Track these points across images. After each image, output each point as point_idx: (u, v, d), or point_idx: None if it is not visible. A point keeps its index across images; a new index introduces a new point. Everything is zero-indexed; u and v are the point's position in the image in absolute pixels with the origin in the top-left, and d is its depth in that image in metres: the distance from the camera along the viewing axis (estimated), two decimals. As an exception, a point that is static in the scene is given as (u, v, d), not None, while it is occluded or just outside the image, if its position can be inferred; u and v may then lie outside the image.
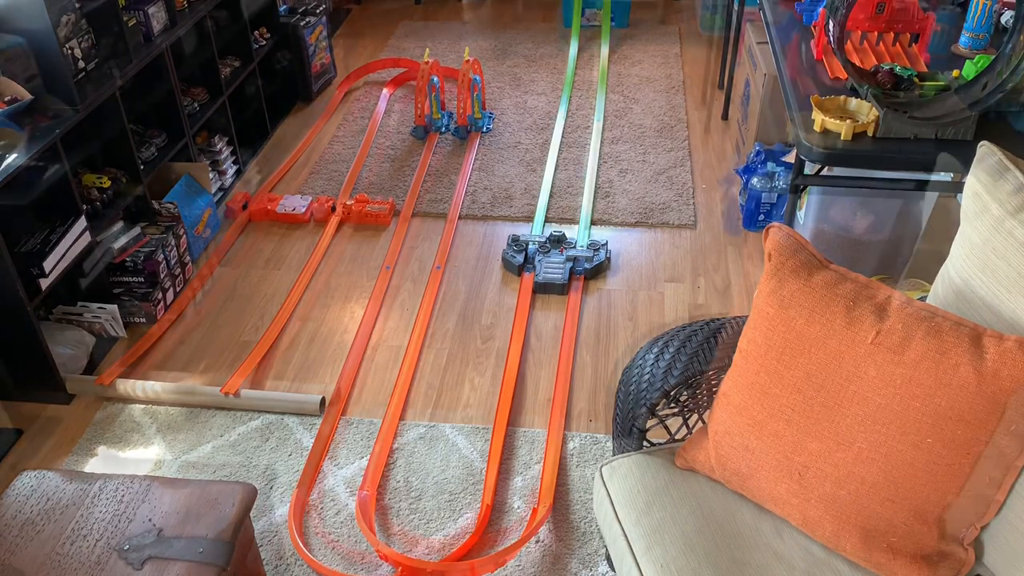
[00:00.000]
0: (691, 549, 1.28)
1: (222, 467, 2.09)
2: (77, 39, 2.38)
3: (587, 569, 1.83)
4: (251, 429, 2.19)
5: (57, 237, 2.21)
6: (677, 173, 3.20)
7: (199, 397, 2.26)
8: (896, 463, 1.16)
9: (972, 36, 2.08)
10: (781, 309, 1.23)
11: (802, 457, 1.23)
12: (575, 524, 1.92)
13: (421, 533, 1.92)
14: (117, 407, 2.26)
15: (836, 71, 1.99)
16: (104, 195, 2.48)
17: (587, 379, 2.32)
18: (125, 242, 2.54)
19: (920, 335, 1.13)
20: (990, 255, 1.23)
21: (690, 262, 2.75)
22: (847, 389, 1.18)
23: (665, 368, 1.44)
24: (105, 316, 2.44)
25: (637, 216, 2.95)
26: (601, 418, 2.19)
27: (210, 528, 1.37)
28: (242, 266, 2.80)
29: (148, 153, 2.69)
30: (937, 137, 1.71)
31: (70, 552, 1.34)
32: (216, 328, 2.54)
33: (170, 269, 2.60)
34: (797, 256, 1.24)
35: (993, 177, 1.23)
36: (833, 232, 2.54)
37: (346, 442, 2.14)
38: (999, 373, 1.09)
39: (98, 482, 1.46)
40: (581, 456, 2.09)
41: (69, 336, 2.35)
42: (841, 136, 1.73)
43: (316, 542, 1.90)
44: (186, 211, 2.72)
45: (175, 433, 2.18)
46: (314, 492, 2.02)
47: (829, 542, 1.28)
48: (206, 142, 3.11)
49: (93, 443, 2.16)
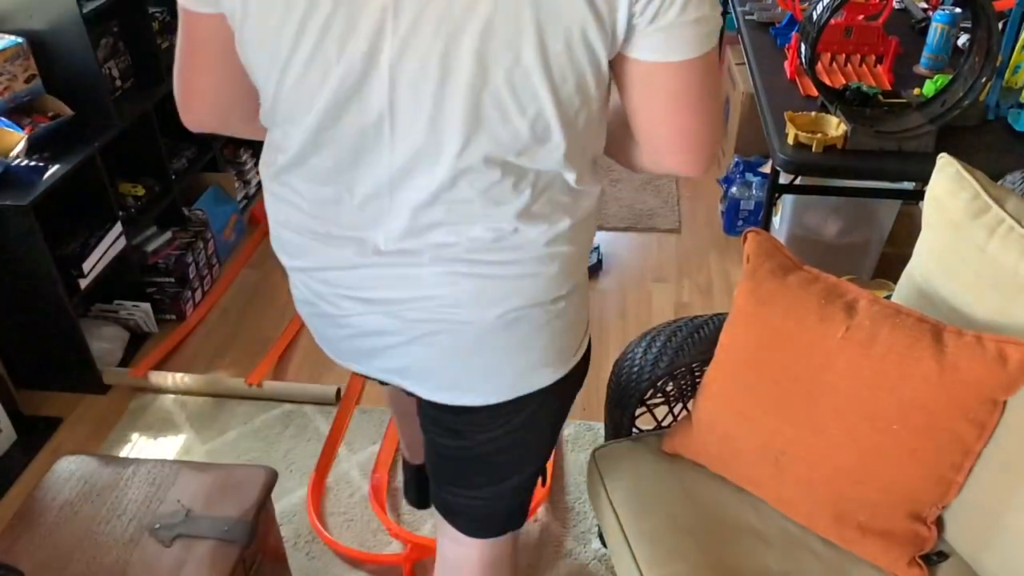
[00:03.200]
0: (676, 527, 1.27)
1: (246, 452, 2.08)
2: (115, 60, 2.38)
3: (581, 546, 1.82)
4: (272, 417, 2.18)
5: (95, 241, 2.20)
6: (663, 182, 3.19)
7: (225, 388, 2.25)
8: (865, 448, 1.16)
9: (932, 58, 2.08)
10: (759, 307, 1.23)
11: (779, 443, 1.23)
12: (570, 505, 1.91)
13: (429, 512, 1.91)
14: (149, 397, 2.25)
15: (808, 89, 1.98)
16: (138, 202, 2.47)
17: (580, 371, 2.31)
18: (157, 245, 2.54)
19: (886, 331, 1.13)
20: (950, 257, 1.22)
21: (675, 264, 2.74)
22: (820, 380, 1.17)
23: (653, 361, 1.43)
24: (139, 313, 2.43)
25: (627, 222, 2.94)
26: (594, 407, 2.18)
27: (234, 508, 1.36)
28: (265, 268, 2.79)
29: (179, 164, 2.68)
30: (900, 149, 1.70)
31: (106, 531, 1.33)
32: (241, 324, 2.53)
33: (199, 270, 2.59)
34: (773, 258, 1.24)
35: (952, 186, 1.22)
36: (806, 236, 2.53)
37: (360, 429, 2.14)
38: (958, 365, 1.08)
39: (132, 466, 1.45)
40: (576, 442, 2.08)
41: (106, 332, 2.35)
42: (813, 149, 1.72)
43: (332, 521, 1.90)
44: (214, 217, 2.72)
45: (203, 421, 2.17)
46: (330, 475, 2.01)
47: (803, 520, 1.27)
48: (232, 154, 3.10)
49: (127, 430, 2.15)
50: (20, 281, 2.06)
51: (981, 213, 1.17)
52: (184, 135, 2.76)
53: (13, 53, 2.08)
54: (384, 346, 1.01)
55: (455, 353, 0.98)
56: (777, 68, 2.12)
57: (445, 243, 0.90)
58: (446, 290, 0.93)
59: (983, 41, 1.61)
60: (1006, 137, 1.79)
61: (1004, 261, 1.13)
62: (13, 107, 2.11)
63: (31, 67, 2.14)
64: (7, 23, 2.13)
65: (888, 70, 2.06)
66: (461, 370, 1.00)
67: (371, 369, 1.07)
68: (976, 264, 1.17)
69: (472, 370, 1.00)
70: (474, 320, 0.94)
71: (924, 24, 2.26)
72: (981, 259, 1.16)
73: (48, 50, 2.16)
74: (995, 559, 1.17)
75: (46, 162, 2.07)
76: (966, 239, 1.18)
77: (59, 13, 2.11)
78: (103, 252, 2.23)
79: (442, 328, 0.96)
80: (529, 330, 0.97)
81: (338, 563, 1.80)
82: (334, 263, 0.96)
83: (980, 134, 1.79)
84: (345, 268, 0.96)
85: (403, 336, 0.98)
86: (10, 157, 2.02)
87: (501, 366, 1.00)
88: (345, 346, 1.06)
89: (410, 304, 0.95)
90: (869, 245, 2.51)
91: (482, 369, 1.00)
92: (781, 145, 1.76)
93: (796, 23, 2.21)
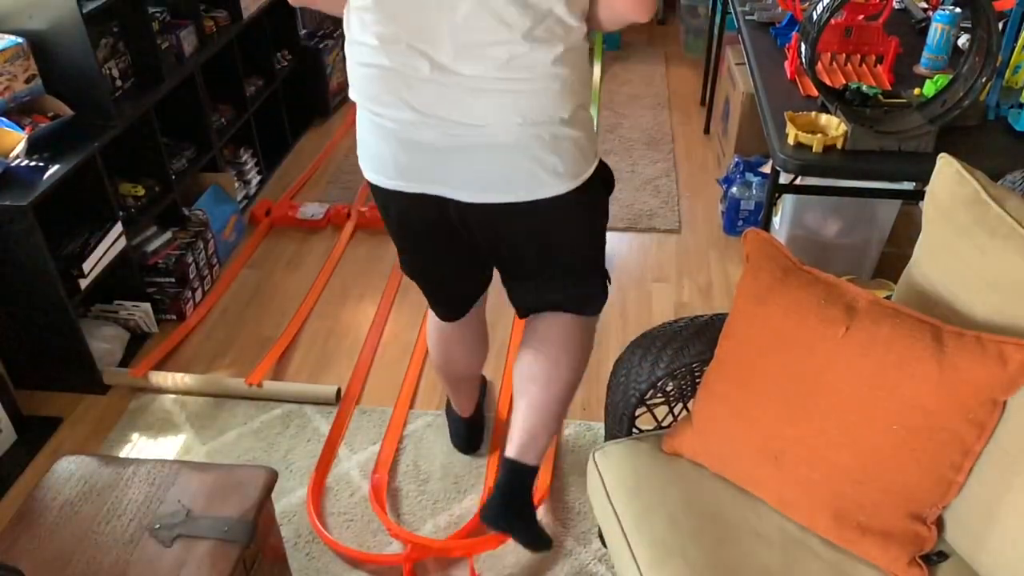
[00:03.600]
0: (676, 527, 1.27)
1: (246, 452, 2.08)
2: (115, 60, 2.38)
3: (581, 546, 1.82)
4: (273, 417, 2.18)
5: (95, 241, 2.20)
6: (663, 182, 3.20)
7: (225, 388, 2.25)
8: (865, 448, 1.16)
9: (932, 58, 2.07)
10: (759, 307, 1.23)
11: (779, 443, 1.23)
12: (571, 505, 1.91)
13: (429, 513, 1.91)
14: (149, 397, 2.25)
15: (808, 89, 1.98)
16: (139, 202, 2.48)
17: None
18: (157, 246, 2.53)
19: (886, 331, 1.13)
20: (950, 257, 1.22)
21: (675, 264, 2.74)
22: (820, 380, 1.17)
23: (652, 361, 1.43)
24: (139, 313, 2.43)
25: (627, 222, 2.94)
26: (594, 407, 2.18)
27: (235, 509, 1.36)
28: (265, 268, 2.80)
29: (179, 164, 2.68)
30: (900, 149, 1.70)
31: (106, 531, 1.33)
32: (241, 325, 2.53)
33: (199, 271, 2.59)
34: (773, 258, 1.24)
35: (952, 186, 1.22)
36: (806, 236, 2.53)
37: (360, 429, 2.14)
38: (958, 366, 1.08)
39: (132, 466, 1.45)
40: (576, 442, 2.08)
41: (106, 332, 2.35)
42: (813, 149, 1.72)
43: (332, 521, 1.90)
44: (214, 217, 2.72)
45: (203, 421, 2.17)
46: (330, 475, 2.01)
47: (804, 521, 1.27)
48: (232, 154, 3.10)
49: (127, 430, 2.15)
50: (20, 281, 2.06)
51: (981, 213, 1.17)
52: (184, 135, 2.77)
53: (13, 53, 2.08)
54: (433, 162, 1.30)
55: (489, 161, 1.28)
56: (777, 68, 2.12)
57: (475, 66, 1.21)
58: (469, 101, 1.24)
59: (983, 41, 1.61)
60: (1006, 137, 1.79)
61: (1004, 261, 1.13)
62: (13, 107, 2.12)
63: (31, 67, 2.14)
64: (7, 23, 2.13)
65: (888, 70, 2.06)
66: (497, 174, 1.30)
67: (421, 182, 1.34)
68: (976, 264, 1.17)
69: (503, 174, 1.30)
70: (500, 132, 1.25)
71: (924, 24, 2.26)
72: (981, 259, 1.16)
73: (48, 50, 2.16)
74: (995, 559, 1.17)
75: (46, 162, 2.07)
76: (966, 239, 1.18)
77: (59, 13, 2.11)
78: (103, 252, 2.23)
79: (477, 141, 1.26)
80: (545, 141, 1.27)
81: (338, 563, 1.80)
82: (400, 89, 1.26)
83: (980, 134, 1.79)
84: (410, 87, 1.25)
85: (447, 150, 1.28)
86: (10, 157, 2.02)
87: (518, 172, 1.29)
88: (403, 160, 1.32)
89: (455, 120, 1.25)
90: (869, 245, 2.51)
91: (504, 174, 1.30)
92: (781, 145, 1.76)
93: (796, 23, 2.21)
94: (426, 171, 1.32)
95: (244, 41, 3.12)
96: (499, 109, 1.24)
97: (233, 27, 2.94)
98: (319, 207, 3.04)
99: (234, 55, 2.98)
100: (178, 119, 2.74)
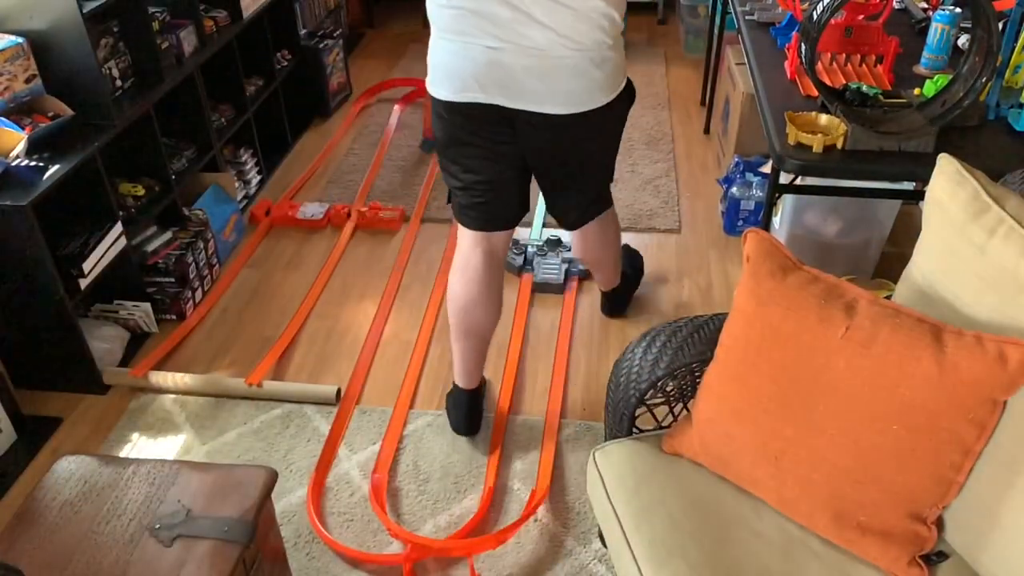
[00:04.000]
0: (677, 527, 1.27)
1: (246, 452, 2.08)
2: (115, 60, 2.38)
3: (581, 546, 1.82)
4: (272, 417, 2.18)
5: (95, 241, 2.20)
6: (663, 182, 3.20)
7: (225, 388, 2.25)
8: (865, 448, 1.16)
9: (932, 58, 2.07)
10: (759, 307, 1.23)
11: (779, 443, 1.23)
12: (571, 504, 1.91)
13: (429, 513, 1.91)
14: (149, 397, 2.25)
15: (808, 89, 1.98)
16: (139, 202, 2.48)
17: (581, 371, 2.31)
18: (158, 245, 2.53)
19: (886, 331, 1.13)
20: (950, 257, 1.22)
21: (675, 264, 2.74)
22: (820, 380, 1.17)
23: (653, 361, 1.43)
24: (139, 313, 2.43)
25: (627, 222, 2.94)
26: (594, 407, 2.18)
27: (235, 508, 1.36)
28: (265, 268, 2.80)
29: (179, 164, 2.68)
30: (900, 150, 1.70)
31: (106, 531, 1.33)
32: (241, 324, 2.53)
33: (199, 270, 2.60)
34: (773, 258, 1.24)
35: (952, 186, 1.22)
36: (806, 236, 2.53)
37: (360, 429, 2.14)
38: (958, 365, 1.08)
39: (132, 466, 1.45)
40: (576, 442, 2.08)
41: (106, 332, 2.35)
42: (813, 149, 1.72)
43: (332, 521, 1.90)
44: (214, 217, 2.72)
45: (203, 421, 2.17)
46: (330, 475, 2.01)
47: (804, 521, 1.27)
48: (232, 154, 3.10)
49: (127, 430, 2.15)
50: (20, 281, 2.06)
51: (981, 213, 1.17)
52: (184, 135, 2.76)
53: (13, 53, 2.08)
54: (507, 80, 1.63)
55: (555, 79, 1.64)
56: (777, 68, 2.12)
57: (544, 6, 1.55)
58: (539, 34, 1.58)
59: (983, 41, 1.61)
60: (1006, 137, 1.79)
61: (1004, 261, 1.13)
62: (13, 107, 2.12)
63: (31, 67, 2.14)
64: (7, 23, 2.13)
65: (888, 70, 2.06)
66: (561, 89, 1.65)
67: (495, 95, 1.66)
68: (976, 264, 1.17)
69: (561, 89, 1.65)
70: (565, 55, 1.61)
71: (924, 24, 2.26)
72: (981, 259, 1.16)
73: (48, 50, 2.16)
74: (995, 559, 1.17)
75: (46, 162, 2.07)
76: (966, 239, 1.18)
77: (59, 13, 2.11)
78: (103, 252, 2.23)
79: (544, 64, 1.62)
80: (596, 63, 1.65)
81: (338, 563, 1.80)
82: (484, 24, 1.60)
83: (980, 134, 1.79)
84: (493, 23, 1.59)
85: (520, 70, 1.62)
86: (10, 157, 2.02)
87: (576, 87, 1.66)
88: (483, 78, 1.64)
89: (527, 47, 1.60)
90: (869, 245, 2.51)
91: (565, 89, 1.65)
92: (781, 145, 1.76)
93: (796, 23, 2.21)
94: (501, 87, 1.64)
95: (244, 41, 3.12)
96: (562, 39, 1.59)
97: (233, 27, 2.94)
98: (319, 207, 3.04)
99: (234, 55, 2.98)
100: (178, 119, 2.74)
